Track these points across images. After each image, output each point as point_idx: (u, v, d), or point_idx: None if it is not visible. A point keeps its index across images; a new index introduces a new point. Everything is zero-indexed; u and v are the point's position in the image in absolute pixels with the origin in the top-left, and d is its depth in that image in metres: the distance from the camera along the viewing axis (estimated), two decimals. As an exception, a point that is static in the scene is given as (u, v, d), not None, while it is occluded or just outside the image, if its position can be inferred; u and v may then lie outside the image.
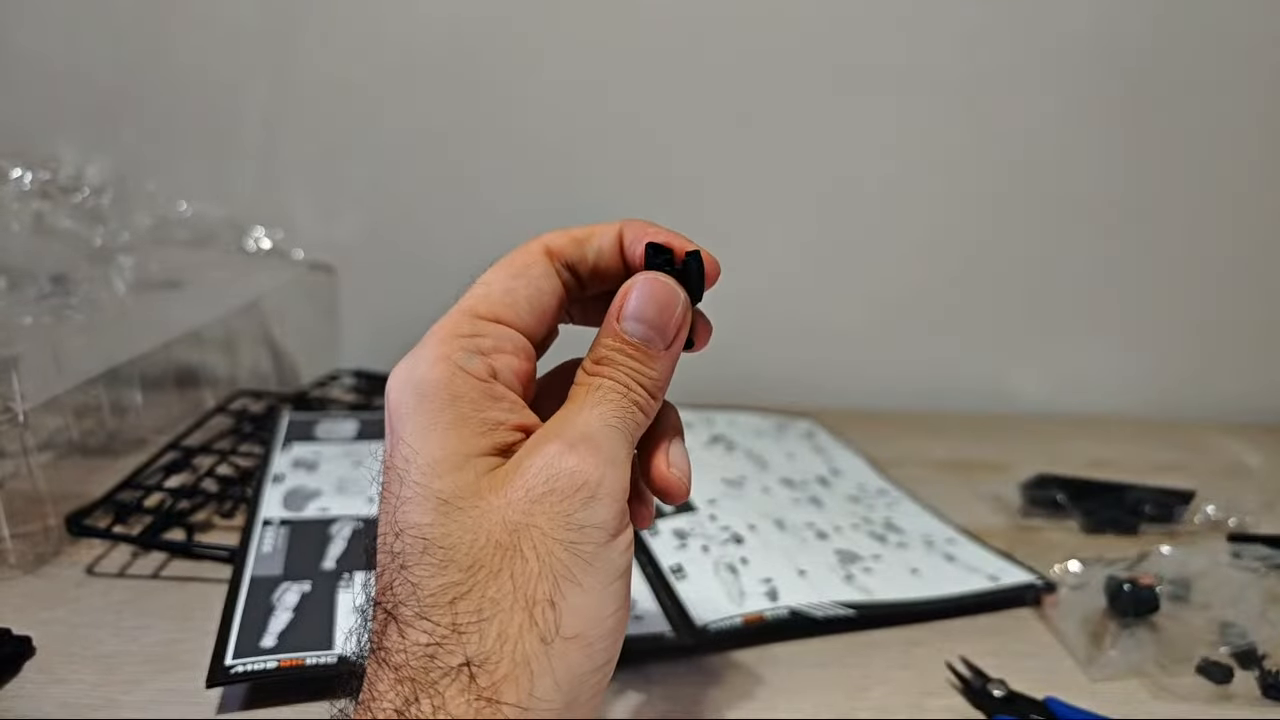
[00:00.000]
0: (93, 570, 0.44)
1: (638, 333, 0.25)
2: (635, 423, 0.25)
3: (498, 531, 0.22)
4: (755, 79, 0.71)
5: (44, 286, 0.52)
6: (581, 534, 0.22)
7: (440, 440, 0.23)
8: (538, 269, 0.27)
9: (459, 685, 0.20)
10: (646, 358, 0.25)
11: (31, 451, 0.46)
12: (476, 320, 0.25)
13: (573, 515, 0.22)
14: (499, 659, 0.21)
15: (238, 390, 0.66)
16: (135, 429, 0.60)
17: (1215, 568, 0.45)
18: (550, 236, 0.27)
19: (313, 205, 0.75)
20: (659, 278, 0.26)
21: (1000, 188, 0.75)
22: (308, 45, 0.71)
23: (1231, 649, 0.40)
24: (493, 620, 0.21)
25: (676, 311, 0.26)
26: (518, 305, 0.26)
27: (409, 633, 0.21)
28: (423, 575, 0.22)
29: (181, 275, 0.61)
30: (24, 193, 0.54)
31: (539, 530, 0.22)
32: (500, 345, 0.25)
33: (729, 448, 0.63)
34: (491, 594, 0.21)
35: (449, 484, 0.23)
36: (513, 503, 0.22)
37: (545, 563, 0.22)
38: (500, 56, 0.71)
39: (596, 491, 0.23)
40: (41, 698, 0.35)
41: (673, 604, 0.42)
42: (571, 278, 0.28)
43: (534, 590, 0.21)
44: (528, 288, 0.26)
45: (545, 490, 0.22)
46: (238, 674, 0.34)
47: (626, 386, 0.25)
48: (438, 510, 0.22)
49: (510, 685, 0.21)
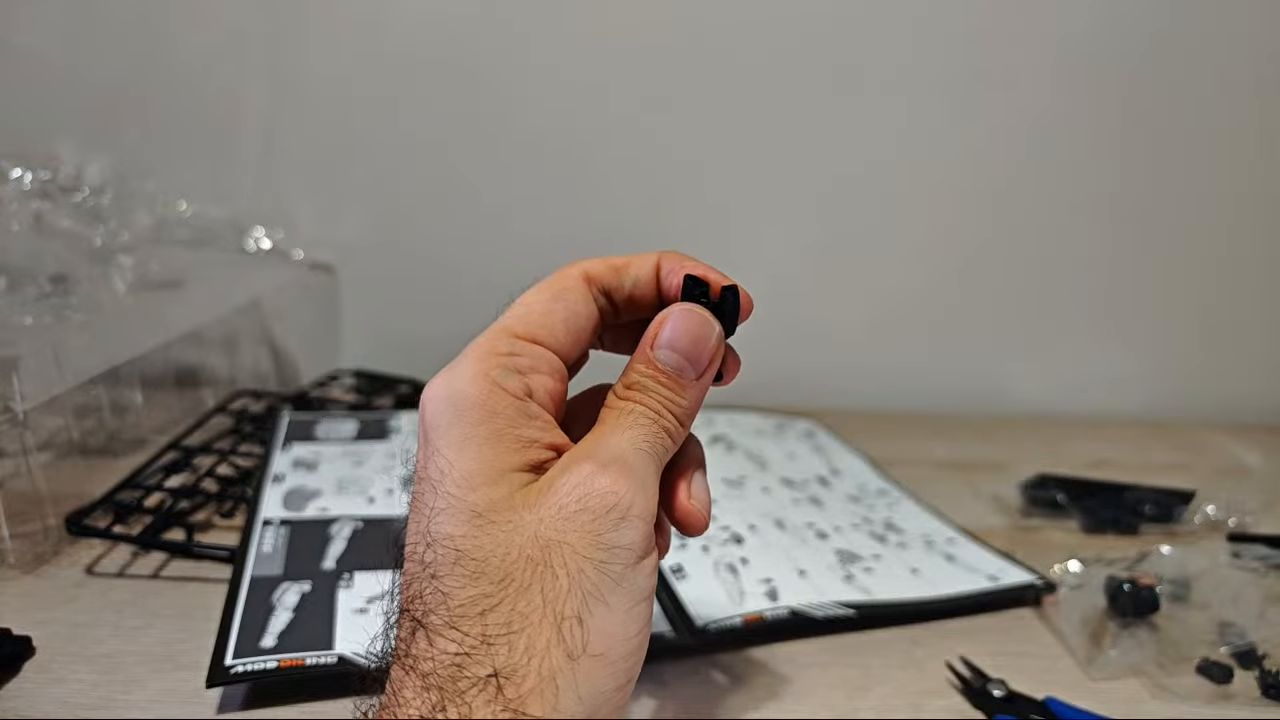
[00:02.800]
0: (92, 570, 0.44)
1: (671, 361, 0.26)
2: (664, 448, 0.26)
3: (530, 546, 0.22)
4: (755, 79, 0.71)
5: (44, 286, 0.52)
6: (611, 554, 0.23)
7: (476, 454, 0.23)
8: (576, 293, 0.27)
9: (486, 696, 0.21)
10: (678, 386, 0.26)
11: (31, 451, 0.46)
12: (514, 339, 0.26)
13: (604, 535, 0.23)
14: (526, 672, 0.21)
15: (238, 390, 0.66)
16: (135, 429, 0.60)
17: (1215, 568, 0.45)
18: (589, 263, 0.28)
19: (313, 205, 0.75)
20: (695, 309, 0.26)
21: (1000, 188, 0.75)
22: (308, 45, 0.71)
23: (1231, 649, 0.40)
24: (521, 634, 0.21)
25: (710, 343, 0.26)
26: (554, 327, 0.26)
27: (438, 641, 0.22)
28: (454, 586, 0.22)
29: (182, 275, 0.61)
30: (24, 192, 0.55)
31: (570, 548, 0.22)
32: (536, 365, 0.26)
33: (729, 448, 0.63)
34: (521, 608, 0.22)
35: (483, 497, 0.23)
36: (545, 519, 0.23)
37: (575, 580, 0.22)
38: (501, 57, 0.71)
39: (627, 513, 0.23)
40: (41, 698, 0.35)
41: (673, 604, 0.42)
42: (607, 304, 0.28)
43: (563, 606, 0.22)
44: (565, 310, 0.27)
45: (578, 509, 0.23)
46: (238, 674, 0.34)
47: (657, 413, 0.25)
48: (471, 522, 0.23)
49: (536, 699, 0.21)
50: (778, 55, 0.70)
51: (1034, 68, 0.71)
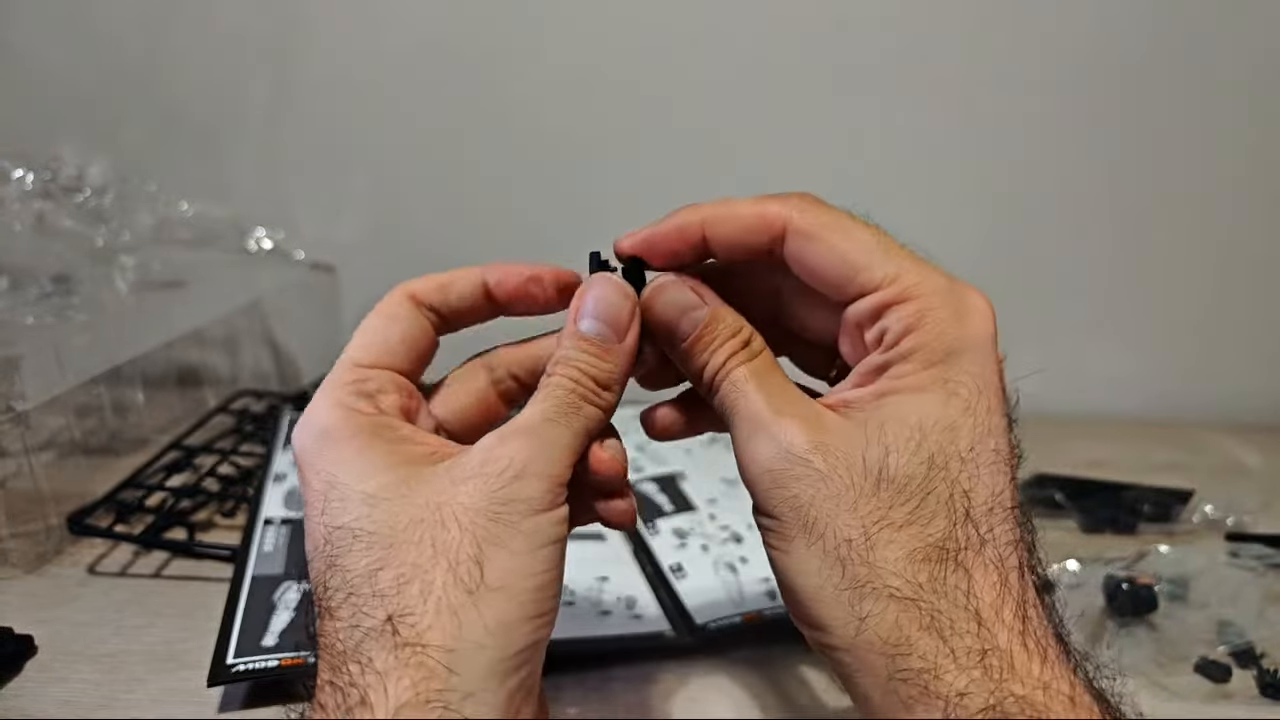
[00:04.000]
0: (94, 569, 0.45)
1: (593, 330, 0.27)
2: (584, 416, 0.26)
3: (420, 511, 0.23)
4: (756, 78, 0.71)
5: (46, 286, 0.52)
6: (507, 506, 0.23)
7: (354, 460, 0.25)
8: (404, 313, 0.29)
9: (383, 641, 0.21)
10: (602, 353, 0.27)
11: (33, 451, 0.46)
12: (358, 368, 0.28)
13: (497, 492, 0.23)
14: (423, 610, 0.22)
15: (239, 390, 0.66)
16: (137, 428, 0.60)
17: (1213, 567, 0.45)
18: (413, 283, 0.29)
19: (314, 205, 0.75)
20: (608, 278, 0.28)
21: (1000, 187, 0.75)
22: (308, 45, 0.71)
23: (1229, 648, 0.40)
24: (413, 581, 0.22)
25: (626, 306, 0.28)
26: (393, 349, 0.28)
27: (339, 614, 0.23)
28: (350, 563, 0.23)
29: (183, 275, 0.61)
30: (26, 193, 0.55)
31: (461, 505, 0.23)
32: (383, 387, 0.28)
33: (729, 447, 0.63)
34: (411, 559, 0.22)
35: (374, 484, 0.24)
36: (439, 488, 0.24)
37: (467, 530, 0.23)
38: (501, 56, 0.71)
39: (522, 471, 0.24)
40: (43, 697, 0.35)
41: (672, 603, 0.42)
42: (436, 318, 0.30)
43: (457, 552, 0.22)
44: (400, 331, 0.29)
45: (472, 475, 0.24)
46: (239, 673, 0.35)
47: (575, 381, 0.26)
48: (364, 504, 0.24)
49: (436, 631, 0.21)
50: (778, 55, 0.71)
51: (1034, 68, 0.71)
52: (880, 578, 0.23)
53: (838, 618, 0.23)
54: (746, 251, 0.28)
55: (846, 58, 0.71)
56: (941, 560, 0.23)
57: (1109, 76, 0.71)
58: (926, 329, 0.25)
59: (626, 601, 0.42)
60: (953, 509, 0.23)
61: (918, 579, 0.23)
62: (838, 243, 0.27)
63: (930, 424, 0.24)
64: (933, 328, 0.25)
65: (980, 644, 0.22)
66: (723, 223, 0.28)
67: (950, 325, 0.25)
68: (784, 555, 0.25)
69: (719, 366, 0.27)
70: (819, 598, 0.24)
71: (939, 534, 0.23)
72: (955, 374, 0.25)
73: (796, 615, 0.26)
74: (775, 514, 0.25)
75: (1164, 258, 0.77)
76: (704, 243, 0.28)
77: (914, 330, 0.25)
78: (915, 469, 0.24)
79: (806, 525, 0.24)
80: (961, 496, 0.24)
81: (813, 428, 0.25)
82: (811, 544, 0.24)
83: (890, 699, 0.22)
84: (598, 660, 0.39)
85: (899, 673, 0.22)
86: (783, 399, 0.26)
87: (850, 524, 0.24)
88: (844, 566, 0.23)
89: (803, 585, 0.24)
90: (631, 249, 0.29)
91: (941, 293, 0.26)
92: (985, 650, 0.22)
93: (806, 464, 0.24)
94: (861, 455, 0.24)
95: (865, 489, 0.24)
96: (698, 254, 0.29)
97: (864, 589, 0.23)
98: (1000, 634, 0.22)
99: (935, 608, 0.22)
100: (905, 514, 0.23)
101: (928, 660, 0.22)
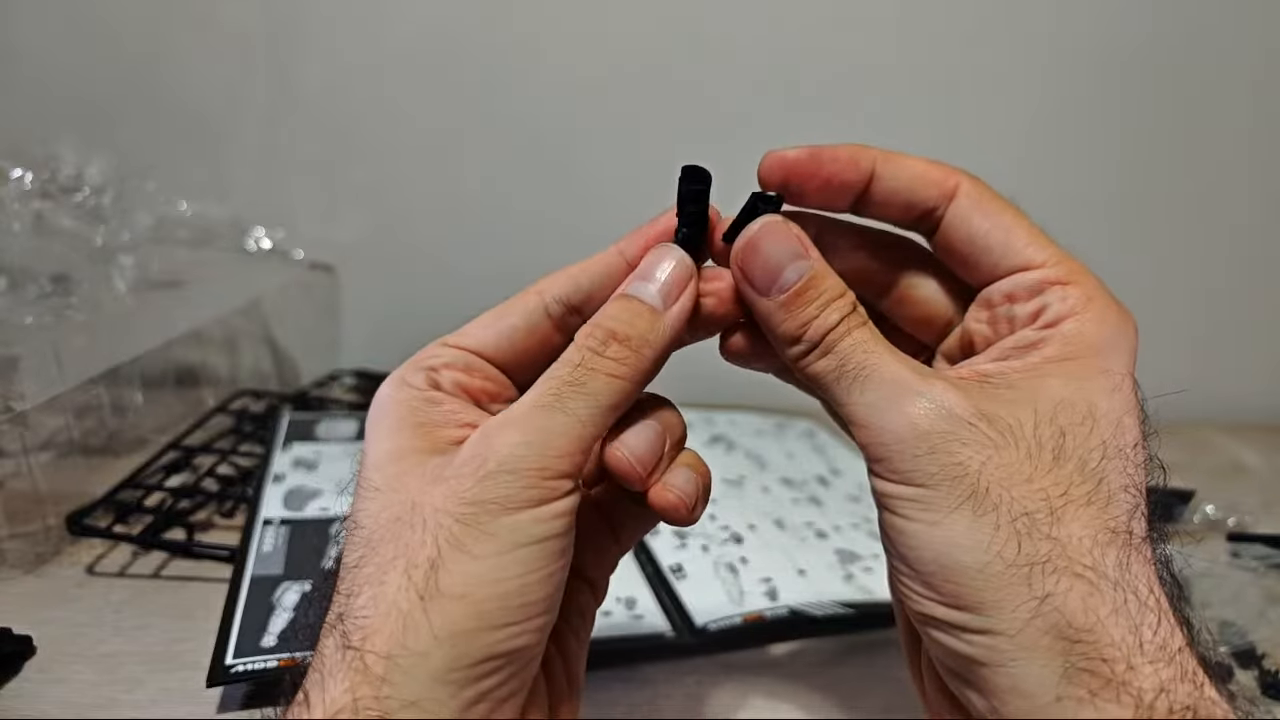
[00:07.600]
0: (93, 570, 0.45)
1: (643, 291, 0.26)
2: (590, 392, 0.24)
3: (399, 507, 0.23)
4: (756, 78, 0.71)
5: (45, 286, 0.52)
6: (474, 507, 0.23)
7: (378, 443, 0.25)
8: (519, 303, 0.28)
9: (334, 638, 0.22)
10: (653, 316, 0.26)
11: (32, 451, 0.46)
12: (439, 345, 0.27)
13: (466, 492, 0.23)
14: (370, 613, 0.22)
15: (238, 390, 0.66)
16: (136, 428, 0.60)
17: (1214, 567, 0.45)
18: (545, 279, 0.28)
19: (313, 205, 0.75)
20: (669, 247, 0.27)
21: (999, 187, 0.74)
22: (308, 45, 0.71)
23: (1231, 648, 0.40)
24: (373, 582, 0.22)
25: (673, 268, 0.27)
26: (482, 333, 0.27)
27: (331, 605, 0.23)
28: (346, 553, 0.23)
29: (182, 275, 0.61)
30: (24, 192, 0.54)
31: (432, 506, 0.23)
32: (451, 363, 0.27)
33: (729, 447, 0.63)
34: (380, 560, 0.22)
35: (380, 475, 0.24)
36: (421, 487, 0.23)
37: (432, 532, 0.22)
38: (501, 56, 0.71)
39: (497, 467, 0.23)
40: (42, 697, 0.35)
41: (673, 603, 0.42)
42: (564, 310, 0.27)
43: (416, 555, 0.22)
44: (502, 319, 0.27)
45: (451, 474, 0.23)
46: (238, 673, 0.34)
47: (575, 364, 0.25)
48: (364, 496, 0.24)
49: (379, 635, 0.21)
50: (778, 55, 0.71)
51: (1033, 67, 0.71)
52: (1067, 554, 0.21)
53: (1008, 597, 0.21)
54: (905, 205, 0.27)
55: (847, 58, 0.71)
56: (1126, 546, 0.21)
57: (1109, 76, 0.71)
58: (1091, 315, 0.25)
59: (626, 601, 0.42)
60: (1127, 499, 0.22)
61: (1105, 561, 0.21)
62: (1006, 215, 0.27)
63: (1100, 413, 0.23)
64: (1098, 314, 0.25)
65: (1169, 640, 0.20)
66: (899, 167, 0.27)
67: (1114, 316, 0.25)
68: (933, 528, 0.22)
69: (830, 326, 0.25)
70: (985, 574, 0.21)
71: (1121, 518, 0.22)
72: (1116, 365, 0.24)
73: (942, 594, 0.22)
74: (927, 482, 0.22)
75: (1164, 258, 0.77)
76: (869, 183, 0.27)
77: (1078, 314, 0.25)
78: (1089, 454, 0.22)
79: (976, 494, 0.22)
80: (1134, 489, 0.22)
81: (970, 394, 0.23)
82: (981, 515, 0.22)
83: (1069, 690, 0.20)
84: (598, 660, 0.39)
85: (1083, 661, 0.20)
86: (916, 364, 0.25)
87: (1030, 495, 0.22)
88: (1020, 541, 0.21)
89: (960, 561, 0.22)
90: (784, 174, 0.27)
91: (1101, 285, 0.25)
92: (1178, 649, 0.20)
93: (973, 428, 0.22)
94: (1033, 429, 0.22)
95: (1043, 463, 0.22)
96: (852, 195, 0.27)
97: (1044, 566, 0.21)
98: (1178, 633, 0.21)
99: (1124, 594, 0.21)
100: (1085, 492, 0.22)
101: (1120, 650, 0.20)
